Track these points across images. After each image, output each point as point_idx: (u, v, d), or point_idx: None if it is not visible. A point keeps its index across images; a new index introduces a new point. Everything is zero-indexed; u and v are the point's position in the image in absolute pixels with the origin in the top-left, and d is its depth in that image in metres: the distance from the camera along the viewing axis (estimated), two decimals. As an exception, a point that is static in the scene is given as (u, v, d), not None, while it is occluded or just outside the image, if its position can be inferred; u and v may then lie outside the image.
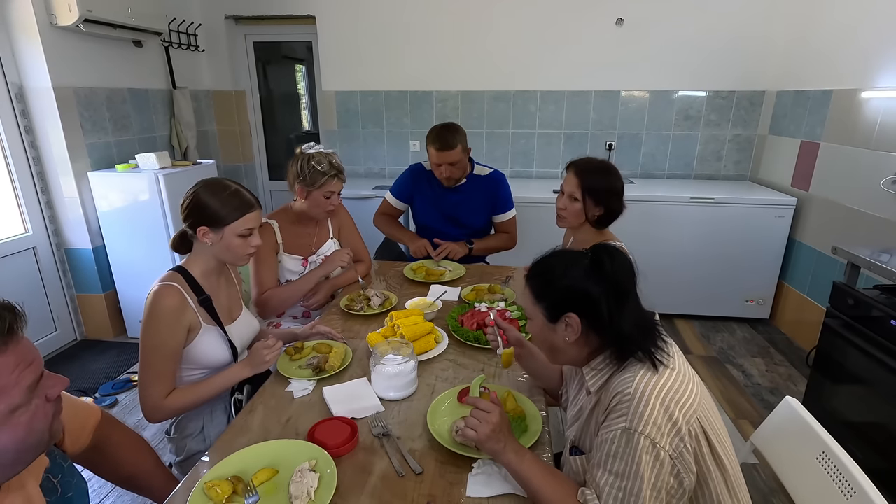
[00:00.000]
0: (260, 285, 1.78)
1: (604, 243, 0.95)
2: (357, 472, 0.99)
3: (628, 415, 0.81)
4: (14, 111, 2.62)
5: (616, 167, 1.63)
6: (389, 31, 3.63)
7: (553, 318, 0.93)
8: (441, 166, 2.13)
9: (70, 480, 0.85)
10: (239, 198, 1.33)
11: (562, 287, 0.92)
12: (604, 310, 0.88)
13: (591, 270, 0.90)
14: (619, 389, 0.85)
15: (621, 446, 0.81)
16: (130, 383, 2.60)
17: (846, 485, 0.94)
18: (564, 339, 0.93)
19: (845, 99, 2.70)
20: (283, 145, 4.32)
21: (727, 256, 3.14)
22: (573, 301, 0.90)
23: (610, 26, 3.43)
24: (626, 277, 0.90)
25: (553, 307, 0.92)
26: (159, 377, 1.23)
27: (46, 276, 2.86)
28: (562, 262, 0.95)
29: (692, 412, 0.82)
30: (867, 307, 1.82)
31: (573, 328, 0.91)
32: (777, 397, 2.48)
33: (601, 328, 0.90)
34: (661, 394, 0.82)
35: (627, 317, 0.88)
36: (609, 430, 0.84)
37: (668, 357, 0.88)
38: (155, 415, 1.25)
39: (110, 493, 1.89)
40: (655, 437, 0.79)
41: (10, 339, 0.67)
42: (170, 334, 1.24)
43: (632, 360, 0.88)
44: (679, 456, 0.80)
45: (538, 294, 0.95)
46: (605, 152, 3.69)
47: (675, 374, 0.86)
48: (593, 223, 1.62)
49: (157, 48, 3.35)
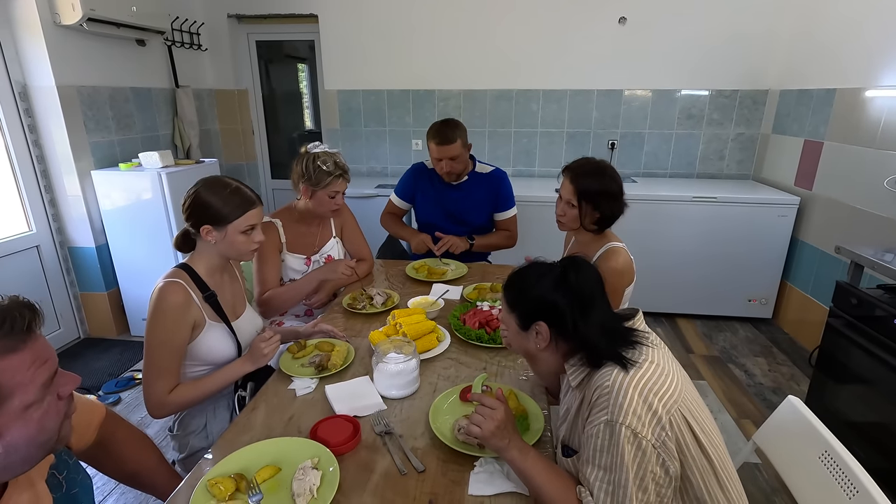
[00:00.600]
0: (262, 284, 1.78)
1: (572, 256, 1.02)
2: (359, 469, 0.99)
3: (608, 407, 0.84)
4: (18, 110, 2.63)
5: (613, 168, 1.59)
6: (392, 30, 3.63)
7: (524, 327, 0.98)
8: (441, 161, 2.14)
9: (75, 477, 0.85)
10: (240, 195, 1.34)
11: (531, 297, 0.98)
12: (568, 320, 0.93)
13: (558, 282, 0.95)
14: (599, 383, 0.88)
15: (605, 439, 0.83)
16: (133, 381, 2.61)
17: (849, 484, 0.94)
18: (536, 346, 0.98)
19: (849, 98, 2.69)
20: (286, 144, 4.32)
21: (730, 256, 3.14)
22: (541, 311, 0.96)
23: (612, 25, 3.42)
24: (590, 288, 0.95)
25: (524, 316, 0.98)
26: (163, 373, 1.24)
27: (50, 275, 2.87)
28: (535, 273, 1.00)
29: (672, 402, 0.84)
30: (870, 307, 1.81)
31: (542, 336, 0.96)
32: (779, 397, 2.47)
33: (568, 336, 0.95)
34: (640, 385, 0.84)
35: (593, 325, 0.92)
36: (593, 424, 0.86)
37: (641, 356, 0.90)
38: (158, 410, 1.25)
39: (113, 491, 1.90)
40: (636, 427, 0.81)
41: (29, 337, 0.68)
42: (175, 330, 1.24)
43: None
44: (662, 444, 0.82)
45: (511, 303, 1.01)
46: (607, 151, 3.69)
47: (654, 367, 0.88)
48: (591, 227, 1.60)
49: (160, 47, 3.35)
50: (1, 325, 0.65)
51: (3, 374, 0.64)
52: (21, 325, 0.66)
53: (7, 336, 0.65)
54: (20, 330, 0.66)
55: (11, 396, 0.65)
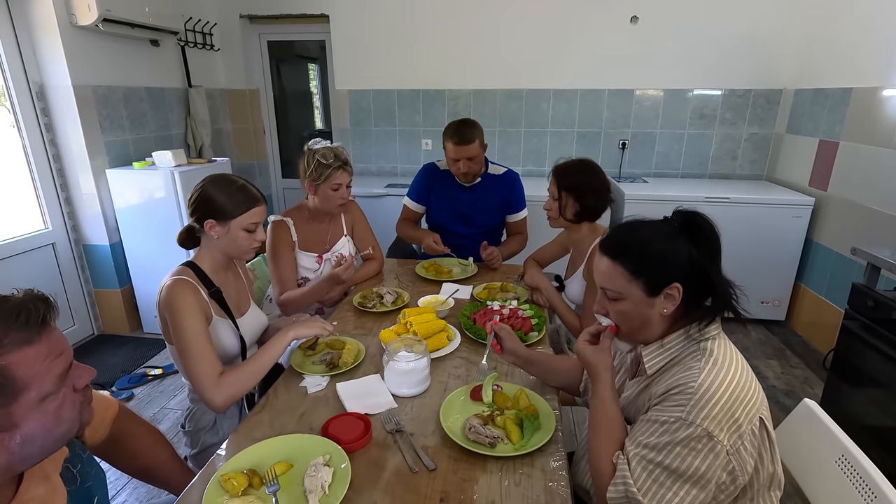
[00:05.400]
0: (281, 284, 1.80)
1: (683, 208, 0.94)
2: (370, 467, 1.00)
3: (687, 406, 0.81)
4: (35, 109, 2.68)
5: (596, 165, 1.69)
6: (402, 30, 3.63)
7: (654, 292, 0.90)
8: (459, 161, 2.12)
9: (89, 471, 0.86)
10: (245, 193, 1.35)
11: (665, 258, 0.89)
12: (711, 274, 0.88)
13: (686, 235, 0.89)
14: (683, 382, 0.84)
15: (673, 429, 0.81)
16: (146, 378, 2.64)
17: (866, 489, 0.92)
18: (661, 312, 0.91)
19: (866, 97, 2.64)
20: (296, 143, 4.35)
21: (742, 257, 3.09)
22: (678, 271, 0.88)
23: (624, 24, 3.40)
24: (717, 235, 0.90)
25: (655, 281, 0.89)
26: (205, 360, 1.21)
27: (65, 272, 2.92)
28: (653, 233, 0.92)
29: (755, 411, 0.82)
30: (888, 309, 1.78)
31: (674, 298, 0.89)
32: (793, 400, 2.44)
33: (701, 293, 0.90)
34: (727, 392, 0.81)
35: (723, 276, 0.89)
36: (660, 413, 0.84)
37: (730, 347, 0.89)
38: (217, 394, 1.19)
39: (126, 486, 1.92)
40: (713, 430, 0.79)
41: (44, 329, 0.69)
42: (200, 319, 1.25)
43: (694, 348, 0.88)
44: (736, 452, 0.80)
45: (635, 270, 0.90)
46: (618, 151, 3.66)
47: (739, 371, 0.85)
48: (572, 219, 1.67)
49: (174, 47, 3.39)
50: (16, 318, 0.66)
51: (19, 365, 0.65)
52: (36, 317, 0.68)
53: (22, 328, 0.66)
54: (35, 322, 0.67)
55: (28, 388, 0.66)
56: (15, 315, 0.66)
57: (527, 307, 1.62)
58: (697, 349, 0.88)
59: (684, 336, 0.91)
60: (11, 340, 0.65)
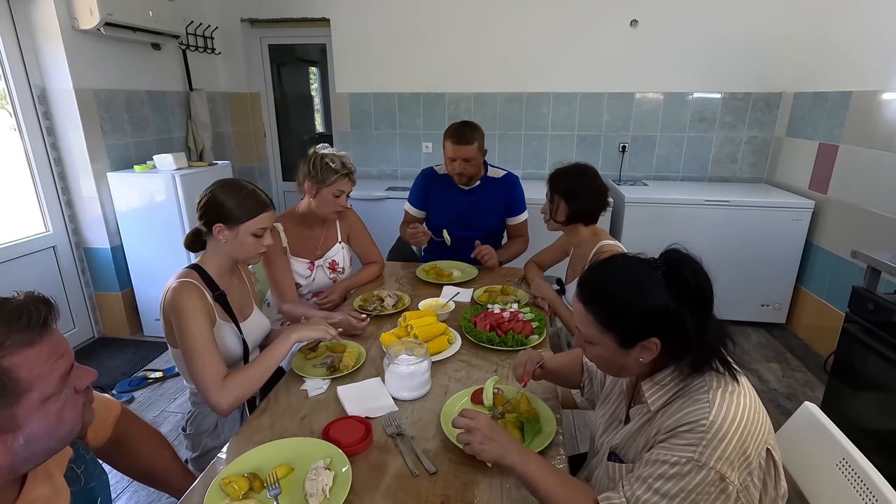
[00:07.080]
0: (280, 293, 1.80)
1: (671, 248, 0.86)
2: (371, 470, 1.00)
3: (699, 447, 0.75)
4: (37, 113, 2.68)
5: (590, 169, 1.72)
6: (403, 34, 3.64)
7: (628, 345, 0.84)
8: (455, 161, 2.12)
9: (92, 472, 0.86)
10: (254, 198, 1.36)
11: (641, 314, 0.81)
12: (691, 330, 0.79)
13: (668, 286, 0.80)
14: (693, 419, 0.78)
15: (681, 472, 0.76)
16: (147, 381, 2.64)
17: (867, 492, 0.92)
18: (637, 360, 0.85)
19: (865, 100, 2.65)
20: (297, 147, 4.35)
21: (742, 260, 3.10)
22: (655, 326, 0.81)
23: (624, 27, 3.41)
24: (707, 286, 0.82)
25: (629, 335, 0.83)
26: (210, 362, 1.21)
27: (66, 275, 2.92)
28: (629, 283, 0.83)
29: (763, 442, 0.79)
30: (888, 312, 1.78)
31: (651, 350, 0.83)
32: (794, 403, 2.44)
33: (682, 346, 0.82)
34: (740, 428, 0.76)
35: (710, 328, 0.82)
36: (669, 452, 0.78)
37: (737, 377, 0.83)
38: (222, 397, 1.19)
39: (127, 488, 1.92)
40: (726, 472, 0.75)
41: (45, 331, 0.69)
42: (205, 322, 1.25)
43: (699, 380, 0.82)
44: (745, 489, 0.78)
45: (607, 323, 0.84)
46: (618, 154, 3.67)
47: (748, 401, 0.80)
48: (563, 221, 1.71)
49: (175, 51, 3.40)
50: (18, 320, 0.66)
51: (21, 367, 0.66)
52: (37, 319, 0.68)
53: (24, 330, 0.67)
54: (36, 324, 0.68)
55: (30, 389, 0.66)
56: (16, 317, 0.66)
57: (527, 310, 1.62)
58: (703, 380, 0.82)
59: (677, 373, 0.85)
60: (13, 342, 0.65)
